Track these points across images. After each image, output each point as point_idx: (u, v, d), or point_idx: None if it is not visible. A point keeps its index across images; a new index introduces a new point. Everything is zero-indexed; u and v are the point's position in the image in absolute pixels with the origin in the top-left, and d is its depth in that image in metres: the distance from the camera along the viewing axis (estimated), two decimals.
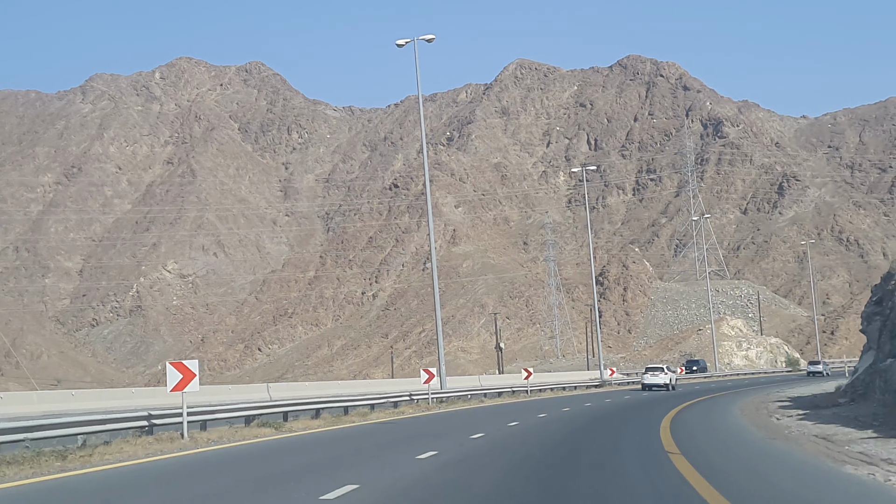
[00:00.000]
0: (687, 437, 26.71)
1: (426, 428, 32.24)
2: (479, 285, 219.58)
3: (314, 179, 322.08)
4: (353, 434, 30.05)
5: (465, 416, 39.70)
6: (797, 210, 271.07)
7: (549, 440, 25.93)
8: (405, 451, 22.47)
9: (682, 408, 43.66)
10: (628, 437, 26.76)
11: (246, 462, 21.79)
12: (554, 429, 30.50)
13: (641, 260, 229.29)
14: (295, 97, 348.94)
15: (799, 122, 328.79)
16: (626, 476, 17.64)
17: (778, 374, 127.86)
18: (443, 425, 33.20)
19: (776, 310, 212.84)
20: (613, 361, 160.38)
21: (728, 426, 32.70)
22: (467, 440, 25.73)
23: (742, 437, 28.08)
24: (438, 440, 25.72)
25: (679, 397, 56.51)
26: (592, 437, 26.70)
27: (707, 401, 51.81)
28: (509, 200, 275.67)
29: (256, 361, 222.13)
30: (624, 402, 51.28)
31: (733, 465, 20.21)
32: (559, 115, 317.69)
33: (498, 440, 26.09)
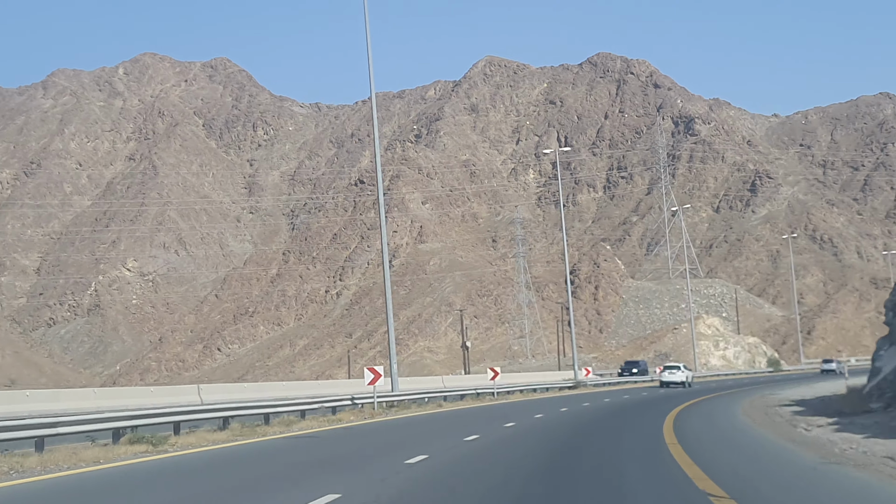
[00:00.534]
0: (715, 461, 18.59)
1: (351, 445, 24.17)
2: (446, 283, 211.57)
3: (279, 177, 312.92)
4: (242, 456, 21.85)
5: (415, 425, 31.70)
6: (770, 208, 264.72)
7: (520, 467, 17.75)
8: (280, 496, 14.17)
9: (677, 413, 35.88)
10: (630, 460, 18.61)
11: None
12: (526, 447, 22.39)
13: (613, 258, 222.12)
14: (261, 94, 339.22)
15: (770, 121, 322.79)
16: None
17: (760, 374, 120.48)
18: (377, 441, 25.14)
19: (750, 309, 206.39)
20: (585, 361, 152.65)
21: (756, 442, 24.79)
22: (401, 468, 17.56)
23: (787, 458, 20.22)
24: (352, 471, 17.54)
25: (667, 400, 48.72)
26: (579, 460, 18.54)
27: (701, 405, 44.10)
28: (478, 198, 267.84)
29: (216, 362, 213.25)
30: (605, 407, 43.43)
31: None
32: (529, 113, 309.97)
33: (444, 468, 17.90)
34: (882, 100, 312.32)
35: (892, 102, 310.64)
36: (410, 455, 19.52)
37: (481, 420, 33.43)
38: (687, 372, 76.64)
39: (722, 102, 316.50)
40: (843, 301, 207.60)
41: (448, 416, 37.12)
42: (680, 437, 24.45)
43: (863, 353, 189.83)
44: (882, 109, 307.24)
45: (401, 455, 19.79)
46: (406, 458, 19.10)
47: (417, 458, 18.92)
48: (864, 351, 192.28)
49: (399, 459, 18.86)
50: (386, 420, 34.59)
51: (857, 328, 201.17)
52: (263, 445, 24.79)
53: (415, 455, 19.54)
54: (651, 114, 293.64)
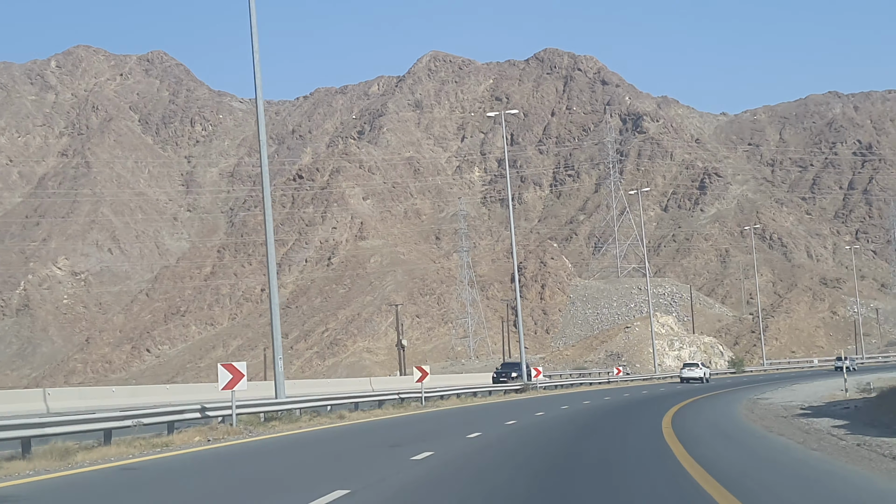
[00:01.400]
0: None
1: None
2: (387, 281, 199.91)
3: (218, 173, 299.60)
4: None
5: (273, 458, 20.15)
6: (719, 207, 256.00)
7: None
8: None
9: (672, 420, 25.07)
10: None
11: None
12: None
13: (560, 256, 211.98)
14: (199, 88, 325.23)
15: (718, 119, 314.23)
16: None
17: (724, 376, 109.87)
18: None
19: (701, 309, 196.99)
20: (533, 362, 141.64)
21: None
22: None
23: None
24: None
25: (643, 407, 37.82)
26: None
27: (688, 409, 33.23)
28: (422, 195, 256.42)
29: (144, 363, 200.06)
30: (568, 419, 32.18)
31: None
32: (474, 109, 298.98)
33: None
34: (831, 99, 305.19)
35: (840, 101, 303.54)
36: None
37: (386, 444, 22.07)
38: (704, 369, 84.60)
39: (670, 100, 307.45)
40: (796, 301, 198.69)
41: (337, 436, 25.95)
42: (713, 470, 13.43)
43: (818, 353, 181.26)
44: (831, 108, 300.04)
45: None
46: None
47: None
48: (819, 352, 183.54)
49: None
50: (235, 445, 23.16)
51: (810, 328, 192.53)
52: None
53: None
54: (598, 111, 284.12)
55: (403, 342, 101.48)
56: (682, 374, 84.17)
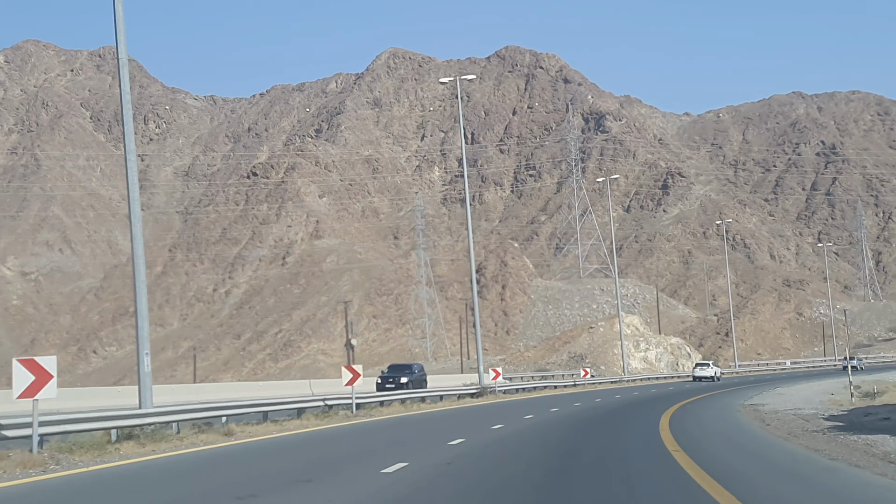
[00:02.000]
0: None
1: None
2: (343, 281, 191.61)
3: (172, 172, 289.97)
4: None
5: None
6: (682, 208, 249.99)
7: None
8: None
9: (670, 420, 17.13)
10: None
11: None
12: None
13: (521, 256, 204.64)
14: (152, 85, 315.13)
15: (682, 120, 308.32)
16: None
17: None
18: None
19: (664, 310, 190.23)
20: (493, 364, 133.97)
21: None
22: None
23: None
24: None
25: (632, 410, 30.17)
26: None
27: (685, 417, 25.53)
28: (381, 194, 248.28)
29: (91, 365, 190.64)
30: (536, 435, 24.39)
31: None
32: (434, 108, 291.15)
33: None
34: (795, 99, 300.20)
35: (804, 102, 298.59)
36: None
37: (224, 496, 13.91)
38: (715, 368, 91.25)
39: (633, 100, 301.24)
40: (761, 302, 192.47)
41: (176, 474, 17.66)
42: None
43: (784, 355, 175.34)
44: (795, 109, 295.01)
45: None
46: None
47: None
48: (785, 354, 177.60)
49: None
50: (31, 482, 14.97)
51: (776, 330, 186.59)
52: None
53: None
54: (560, 110, 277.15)
55: (353, 342, 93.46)
56: (694, 373, 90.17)
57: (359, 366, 37.41)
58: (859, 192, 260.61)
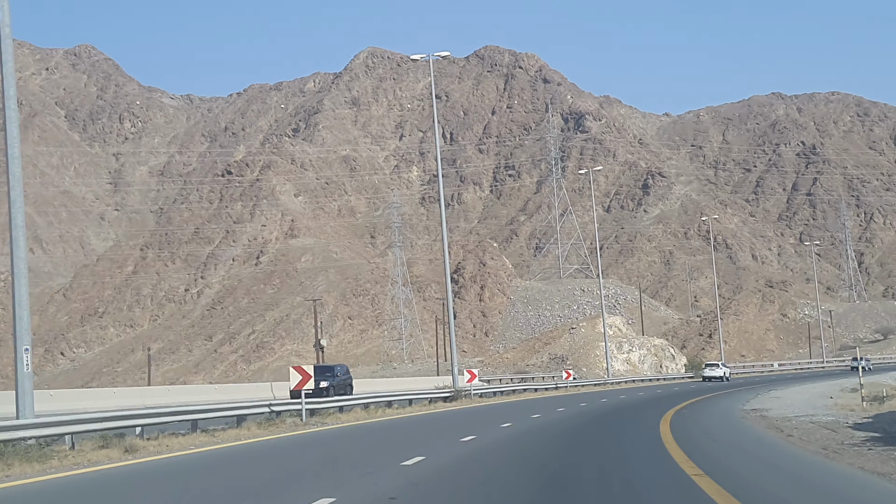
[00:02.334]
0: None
1: None
2: (318, 281, 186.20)
3: (147, 172, 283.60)
4: None
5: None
6: (662, 208, 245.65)
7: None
8: None
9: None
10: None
11: None
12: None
13: (500, 256, 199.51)
14: (128, 84, 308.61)
15: (661, 120, 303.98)
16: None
17: (681, 380, 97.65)
18: None
19: (646, 311, 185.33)
20: (470, 366, 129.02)
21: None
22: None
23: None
24: None
25: (628, 416, 25.14)
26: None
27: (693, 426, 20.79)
28: (358, 193, 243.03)
29: (58, 367, 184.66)
30: (517, 452, 19.32)
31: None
32: (413, 107, 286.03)
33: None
34: (774, 100, 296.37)
35: (784, 103, 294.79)
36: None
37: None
38: (725, 368, 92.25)
39: (612, 100, 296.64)
40: (745, 303, 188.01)
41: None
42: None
43: (768, 357, 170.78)
44: (774, 110, 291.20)
45: None
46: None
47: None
48: (770, 355, 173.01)
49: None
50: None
51: (760, 331, 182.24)
52: None
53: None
54: (540, 109, 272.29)
55: (322, 342, 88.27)
56: (703, 373, 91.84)
57: (311, 366, 32.37)
58: (840, 193, 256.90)
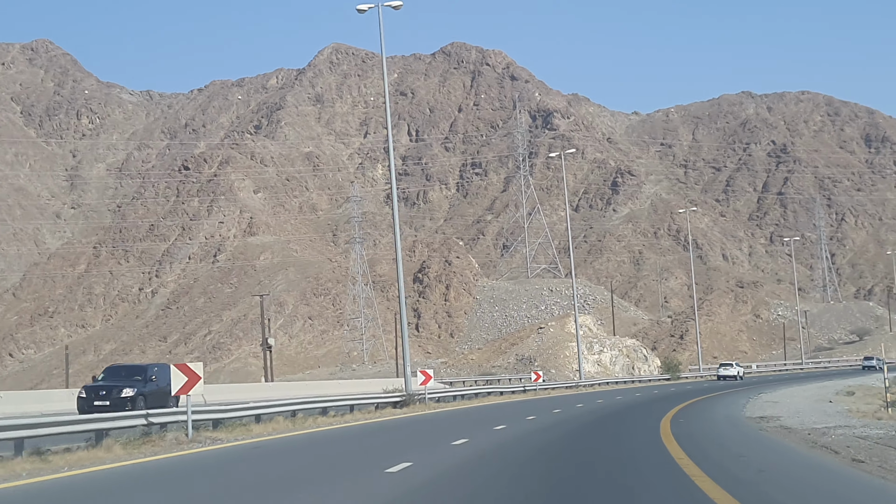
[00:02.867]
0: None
1: None
2: (278, 280, 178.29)
3: (105, 169, 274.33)
4: None
5: None
6: (632, 207, 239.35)
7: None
8: None
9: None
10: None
11: None
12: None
13: (466, 255, 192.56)
14: (86, 79, 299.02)
15: (630, 118, 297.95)
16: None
17: (657, 382, 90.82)
18: None
19: (616, 312, 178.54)
20: (432, 367, 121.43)
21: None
22: None
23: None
24: None
25: (622, 430, 17.48)
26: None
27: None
28: (320, 190, 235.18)
29: (6, 369, 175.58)
30: (465, 486, 11.49)
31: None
32: (378, 105, 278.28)
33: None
34: (744, 99, 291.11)
35: (754, 102, 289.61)
36: None
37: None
38: (739, 368, 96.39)
39: (581, 98, 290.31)
40: (717, 303, 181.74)
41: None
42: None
43: (740, 358, 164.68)
44: (744, 109, 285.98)
45: None
46: None
47: None
48: (742, 357, 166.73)
49: None
50: None
51: (733, 333, 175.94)
52: None
53: None
54: (507, 107, 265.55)
55: (270, 341, 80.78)
56: (718, 372, 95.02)
57: (200, 364, 24.97)
58: (811, 193, 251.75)
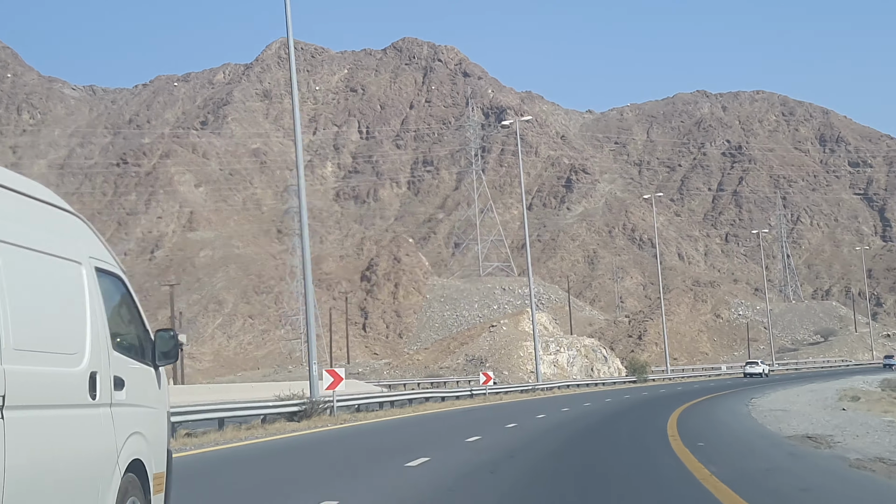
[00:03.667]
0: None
1: None
2: (218, 278, 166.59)
3: (47, 166, 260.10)
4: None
5: None
6: (586, 206, 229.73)
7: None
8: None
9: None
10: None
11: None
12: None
13: (416, 252, 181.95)
14: (27, 73, 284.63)
15: (585, 117, 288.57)
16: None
17: (623, 385, 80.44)
18: None
19: (572, 311, 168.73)
20: (375, 369, 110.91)
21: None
22: None
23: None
24: None
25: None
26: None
27: None
28: (268, 188, 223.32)
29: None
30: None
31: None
32: (327, 101, 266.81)
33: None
34: (699, 98, 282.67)
35: (709, 101, 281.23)
36: None
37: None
38: (763, 366, 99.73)
39: (535, 96, 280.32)
40: (676, 303, 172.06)
41: None
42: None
43: (701, 359, 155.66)
44: (699, 108, 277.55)
45: None
46: None
47: None
48: (703, 358, 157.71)
49: None
50: None
51: (693, 333, 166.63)
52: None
53: None
54: (459, 104, 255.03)
55: (182, 338, 69.28)
56: (745, 370, 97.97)
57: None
58: (766, 193, 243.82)
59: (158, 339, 8.40)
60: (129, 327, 8.19)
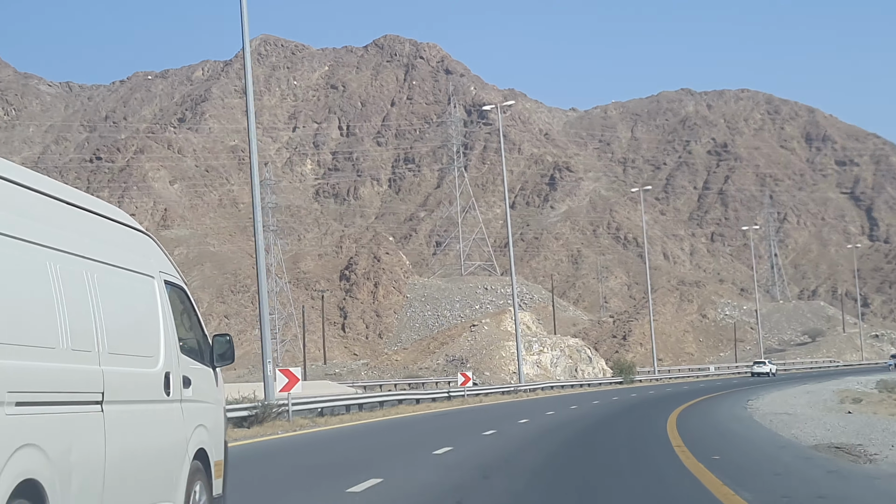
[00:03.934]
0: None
1: None
2: (193, 277, 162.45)
3: (21, 162, 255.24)
4: None
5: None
6: (570, 204, 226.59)
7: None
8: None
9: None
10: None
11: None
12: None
13: (396, 251, 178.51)
14: (3, 69, 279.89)
15: (568, 115, 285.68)
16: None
17: (610, 387, 77.14)
18: None
19: (555, 311, 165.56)
20: (353, 370, 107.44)
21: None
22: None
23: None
24: None
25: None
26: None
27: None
28: (244, 184, 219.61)
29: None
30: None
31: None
32: (307, 98, 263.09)
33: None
34: (683, 96, 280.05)
35: (693, 99, 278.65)
36: None
37: None
38: (771, 366, 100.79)
39: (518, 93, 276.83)
40: (661, 303, 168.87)
41: None
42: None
43: (686, 360, 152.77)
44: (684, 106, 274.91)
45: None
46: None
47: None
48: (689, 359, 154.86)
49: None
50: None
51: (678, 333, 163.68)
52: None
53: None
54: (441, 101, 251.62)
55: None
56: (752, 369, 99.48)
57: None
58: (752, 192, 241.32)
59: (216, 343, 9.39)
60: (191, 332, 9.16)
